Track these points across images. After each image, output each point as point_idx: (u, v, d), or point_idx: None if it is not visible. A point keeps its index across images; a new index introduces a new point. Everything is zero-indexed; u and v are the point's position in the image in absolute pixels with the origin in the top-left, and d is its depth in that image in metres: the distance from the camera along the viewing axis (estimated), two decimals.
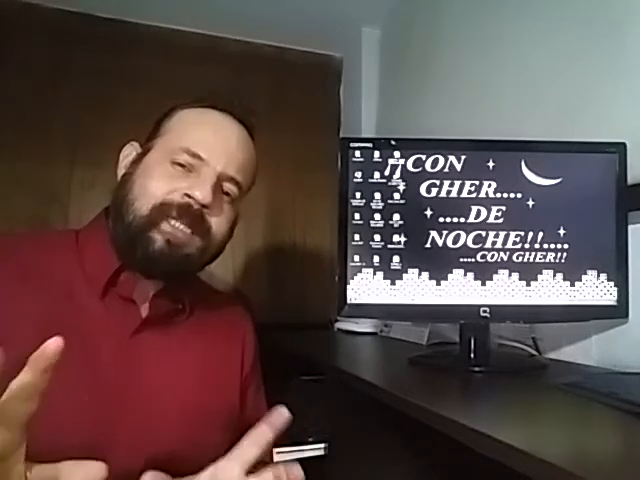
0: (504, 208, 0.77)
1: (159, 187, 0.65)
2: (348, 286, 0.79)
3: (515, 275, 0.77)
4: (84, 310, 0.63)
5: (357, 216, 0.79)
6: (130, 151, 0.71)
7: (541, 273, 0.76)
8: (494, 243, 0.77)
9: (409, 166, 0.79)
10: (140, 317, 0.66)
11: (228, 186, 0.69)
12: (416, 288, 0.78)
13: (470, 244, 0.77)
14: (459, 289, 0.77)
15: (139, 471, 0.61)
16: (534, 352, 0.89)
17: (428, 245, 0.78)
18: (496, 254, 0.77)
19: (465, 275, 0.77)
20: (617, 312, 0.75)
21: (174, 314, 0.70)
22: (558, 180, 0.77)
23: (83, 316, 0.63)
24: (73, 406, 0.57)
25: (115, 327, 0.64)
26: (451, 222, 0.78)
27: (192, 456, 0.67)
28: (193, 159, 0.66)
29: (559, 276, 0.76)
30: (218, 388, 0.72)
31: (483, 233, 0.77)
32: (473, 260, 0.77)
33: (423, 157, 0.79)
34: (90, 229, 0.71)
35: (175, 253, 0.64)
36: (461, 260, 0.77)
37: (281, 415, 0.52)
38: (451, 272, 0.77)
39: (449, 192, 0.78)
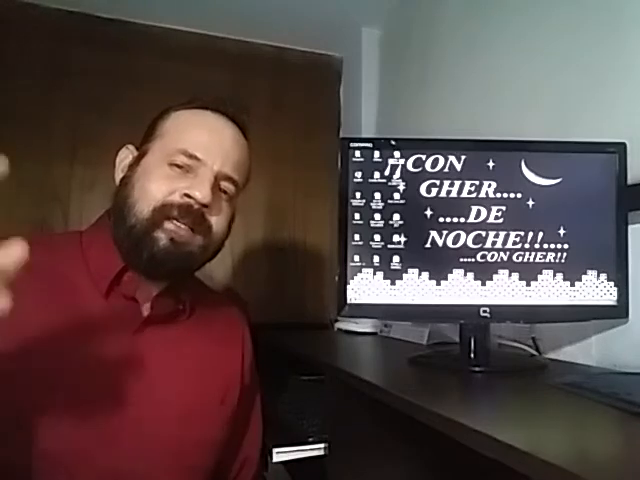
0: (504, 208, 0.77)
1: (159, 189, 0.66)
2: (348, 286, 0.79)
3: (515, 275, 0.77)
4: (88, 308, 0.64)
5: (357, 216, 0.79)
6: (126, 154, 0.72)
7: (541, 273, 0.76)
8: (494, 243, 0.77)
9: (409, 166, 0.79)
10: (142, 316, 0.67)
11: (225, 185, 0.71)
12: (416, 288, 0.78)
13: (470, 244, 0.77)
14: (459, 289, 0.77)
15: (140, 467, 0.62)
16: (534, 352, 0.89)
17: (428, 245, 0.78)
18: (496, 254, 0.77)
19: (465, 275, 0.77)
20: (617, 312, 0.75)
21: (175, 314, 0.71)
22: (558, 180, 0.77)
23: (87, 313, 0.64)
24: (76, 401, 0.58)
25: (118, 325, 0.65)
26: (451, 222, 0.78)
27: (192, 453, 0.67)
28: (190, 160, 0.67)
29: (559, 276, 0.76)
30: (218, 387, 0.73)
31: (483, 233, 0.77)
32: (473, 260, 0.77)
33: (423, 157, 0.79)
34: (94, 230, 0.73)
35: (179, 251, 0.66)
36: (461, 260, 0.77)
37: None
38: (451, 272, 0.77)
39: (449, 192, 0.78)
